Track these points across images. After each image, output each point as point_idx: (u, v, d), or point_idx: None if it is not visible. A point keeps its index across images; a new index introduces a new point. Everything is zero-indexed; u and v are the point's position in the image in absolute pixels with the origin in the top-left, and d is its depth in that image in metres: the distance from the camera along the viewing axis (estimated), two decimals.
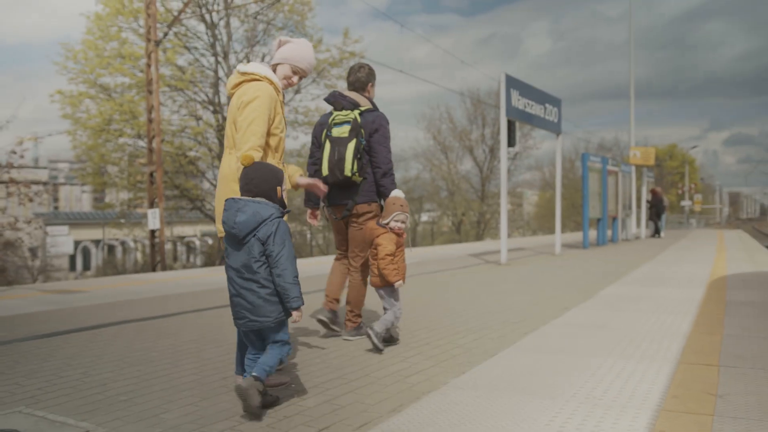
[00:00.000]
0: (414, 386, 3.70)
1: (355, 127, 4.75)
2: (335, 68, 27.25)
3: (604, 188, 18.26)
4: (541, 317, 6.00)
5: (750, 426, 2.95)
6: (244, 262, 3.20)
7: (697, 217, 67.28)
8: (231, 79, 3.87)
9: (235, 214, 3.18)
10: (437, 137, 47.03)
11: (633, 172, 23.20)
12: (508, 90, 11.54)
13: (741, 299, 7.06)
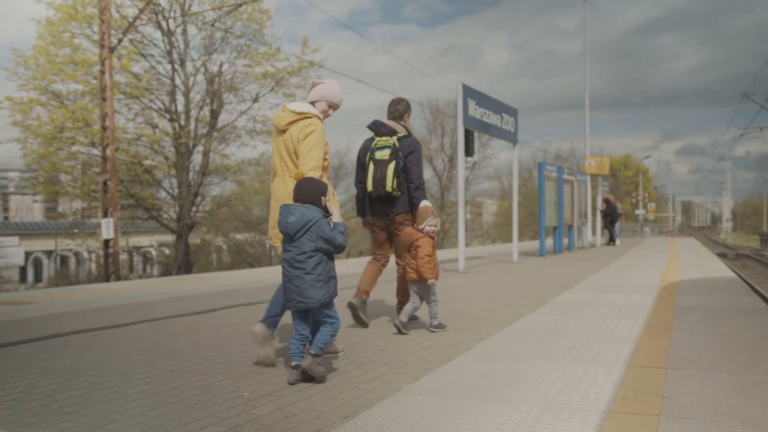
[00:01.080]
0: (369, 392, 3.70)
1: (394, 151, 5.70)
2: (294, 77, 27.20)
3: (560, 197, 18.56)
4: (497, 323, 6.06)
5: (693, 425, 3.03)
6: (295, 255, 3.93)
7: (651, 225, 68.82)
8: (283, 116, 4.60)
9: (287, 216, 3.94)
10: None
11: (588, 181, 23.64)
12: (466, 100, 11.66)
13: (690, 304, 7.24)
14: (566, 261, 15.38)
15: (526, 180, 55.25)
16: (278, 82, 26.91)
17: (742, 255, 37.17)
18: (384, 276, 6.94)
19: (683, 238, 40.38)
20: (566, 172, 19.64)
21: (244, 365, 4.42)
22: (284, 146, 4.59)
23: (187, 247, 27.18)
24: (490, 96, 12.82)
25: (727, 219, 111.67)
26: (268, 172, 30.52)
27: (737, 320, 6.14)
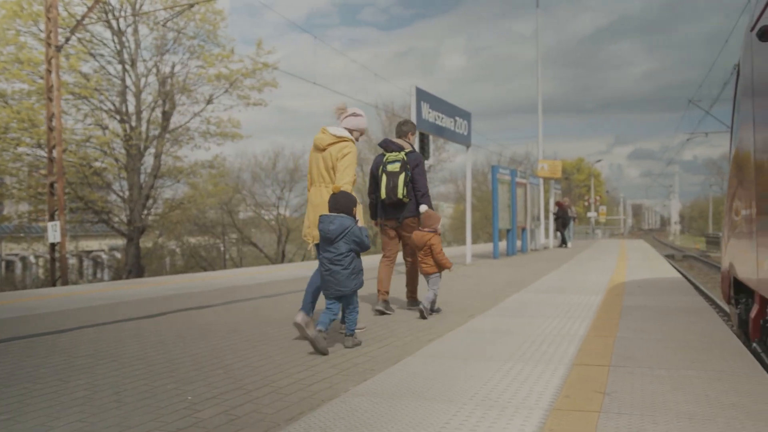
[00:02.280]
0: (315, 394, 3.68)
1: (403, 164, 6.65)
2: (249, 79, 26.93)
3: (513, 200, 18.80)
4: (447, 324, 6.10)
5: (632, 420, 3.09)
6: (334, 256, 4.88)
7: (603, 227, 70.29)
8: (324, 138, 5.54)
9: (329, 224, 4.89)
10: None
11: (541, 184, 24.01)
12: (419, 103, 11.72)
13: (636, 304, 7.41)
14: (519, 263, 15.58)
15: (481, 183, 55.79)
16: (232, 83, 26.62)
17: (689, 256, 38.28)
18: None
19: (633, 240, 41.34)
20: (519, 175, 19.90)
21: (190, 369, 4.35)
22: (323, 162, 5.54)
23: (138, 251, 26.63)
24: (443, 99, 12.91)
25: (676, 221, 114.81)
26: (221, 174, 30.20)
27: (680, 319, 6.31)
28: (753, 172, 6.25)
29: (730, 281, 8.17)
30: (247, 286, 10.23)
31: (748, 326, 6.93)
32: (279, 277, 12.12)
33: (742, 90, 7.11)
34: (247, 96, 27.26)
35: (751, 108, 6.40)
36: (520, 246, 20.59)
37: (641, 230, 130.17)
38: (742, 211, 7.01)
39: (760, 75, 5.91)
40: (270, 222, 42.72)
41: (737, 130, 7.51)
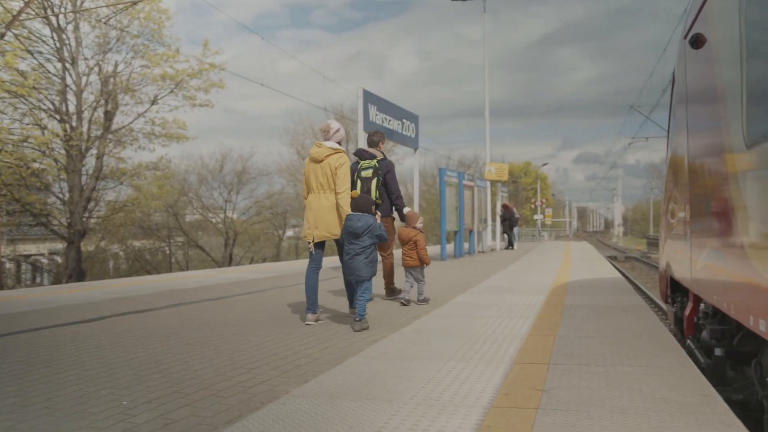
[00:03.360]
0: (255, 397, 3.63)
1: (375, 170, 7.26)
2: (195, 79, 26.47)
3: (460, 202, 18.96)
4: (391, 325, 6.11)
5: (567, 416, 3.15)
6: (360, 246, 5.91)
7: (549, 230, 71.62)
8: (321, 151, 6.34)
9: (356, 222, 5.94)
10: (301, 152, 46.83)
11: (488, 187, 24.30)
12: (366, 105, 11.73)
13: (577, 303, 7.56)
14: (466, 265, 15.73)
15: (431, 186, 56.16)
16: (178, 84, 26.10)
17: (631, 257, 39.35)
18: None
19: (578, 242, 42.27)
20: (467, 178, 20.10)
21: (127, 373, 4.24)
22: (321, 171, 6.33)
23: (80, 255, 25.84)
24: (391, 102, 12.96)
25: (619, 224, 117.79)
26: (167, 176, 29.56)
27: (618, 317, 6.47)
28: (687, 176, 6.46)
29: (667, 281, 8.43)
30: (191, 290, 10.05)
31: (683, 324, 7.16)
32: (224, 280, 11.95)
33: (676, 97, 7.34)
34: (193, 97, 26.78)
35: (684, 114, 6.62)
36: (468, 248, 20.79)
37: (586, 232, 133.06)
38: (677, 213, 7.24)
39: (693, 82, 6.11)
40: (217, 225, 42.08)
41: (673, 136, 7.76)
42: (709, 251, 5.35)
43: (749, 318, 4.07)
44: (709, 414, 3.18)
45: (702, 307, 6.11)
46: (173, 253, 39.37)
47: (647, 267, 31.42)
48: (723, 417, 3.14)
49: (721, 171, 4.81)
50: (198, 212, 42.22)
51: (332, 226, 6.28)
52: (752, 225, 3.95)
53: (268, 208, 43.21)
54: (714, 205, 5.11)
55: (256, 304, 8.11)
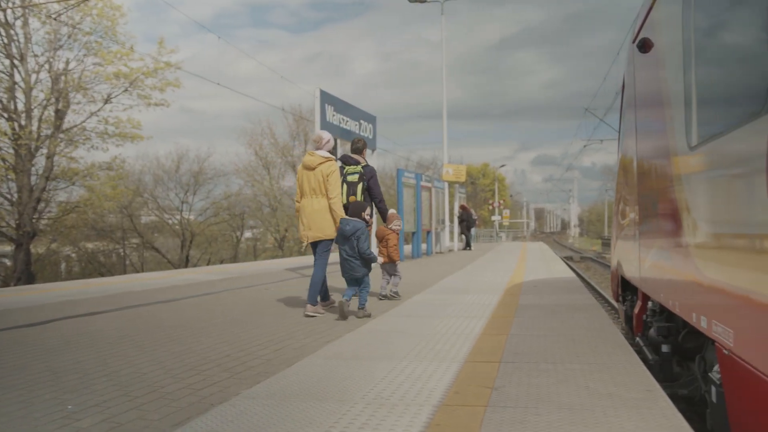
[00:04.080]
0: (205, 398, 3.59)
1: (361, 176, 7.84)
2: (150, 78, 26.01)
3: (418, 203, 19.06)
4: (346, 326, 6.11)
5: (516, 413, 3.20)
6: (351, 247, 6.66)
7: (506, 231, 72.46)
8: (314, 159, 7.01)
9: (345, 225, 6.64)
10: (259, 152, 46.51)
11: (446, 188, 24.47)
12: (323, 105, 11.70)
13: (530, 303, 7.67)
14: (423, 265, 15.81)
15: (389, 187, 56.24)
16: (132, 82, 25.64)
17: (586, 258, 40.05)
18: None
19: (535, 242, 42.86)
20: (424, 179, 20.20)
21: (73, 377, 4.15)
22: (314, 178, 6.98)
23: (29, 257, 25.16)
24: (348, 102, 12.95)
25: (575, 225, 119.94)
26: (120, 177, 29.00)
27: (570, 316, 6.58)
28: (636, 178, 6.62)
29: (618, 280, 8.61)
30: (144, 292, 9.87)
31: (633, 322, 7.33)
32: (180, 281, 11.77)
33: (626, 100, 7.52)
34: (148, 96, 26.34)
35: (633, 117, 6.78)
36: (426, 249, 20.90)
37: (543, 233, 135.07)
38: (627, 214, 7.41)
39: (641, 85, 6.26)
40: (173, 226, 41.44)
41: (623, 138, 7.93)
42: (656, 251, 5.49)
43: (692, 315, 4.19)
44: (652, 408, 3.27)
45: (650, 305, 6.26)
46: (128, 255, 38.65)
47: (601, 267, 32.02)
48: (665, 411, 3.22)
49: (666, 172, 4.94)
50: (154, 213, 41.54)
51: (324, 227, 6.95)
52: (694, 225, 4.06)
53: (226, 209, 42.72)
54: (660, 206, 5.24)
55: (211, 305, 8.02)
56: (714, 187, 3.70)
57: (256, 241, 49.51)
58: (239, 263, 24.30)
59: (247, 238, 49.55)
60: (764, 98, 2.72)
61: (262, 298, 8.91)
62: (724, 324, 3.42)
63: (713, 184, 3.72)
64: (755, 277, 2.94)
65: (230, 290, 10.02)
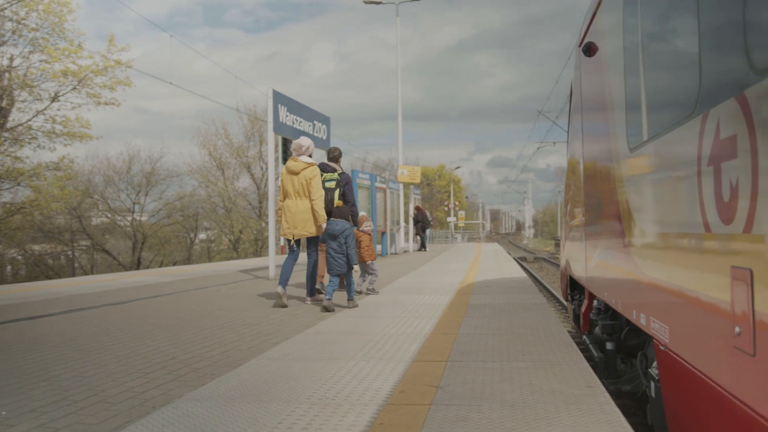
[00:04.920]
0: (147, 402, 3.53)
1: (338, 183, 8.32)
2: (100, 77, 25.43)
3: (372, 204, 19.09)
4: (296, 327, 6.08)
5: (459, 411, 3.23)
6: (338, 245, 7.37)
7: (462, 232, 73.11)
8: (297, 165, 7.77)
9: (335, 226, 7.41)
10: (213, 153, 45.84)
11: (401, 189, 24.56)
12: (276, 106, 11.61)
13: (481, 303, 7.76)
14: (378, 266, 15.80)
15: None
16: (81, 81, 25.01)
17: (540, 258, 40.66)
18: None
19: (489, 243, 43.32)
20: (379, 180, 20.25)
21: (11, 382, 4.03)
22: (297, 181, 7.75)
23: None
24: (301, 103, 12.88)
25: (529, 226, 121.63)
26: (69, 177, 28.25)
27: (518, 315, 6.68)
28: (582, 180, 6.76)
29: (567, 279, 8.78)
30: (92, 294, 9.64)
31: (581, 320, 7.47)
32: (130, 284, 11.54)
33: (573, 103, 7.67)
34: (97, 95, 25.73)
35: (580, 120, 6.92)
36: (380, 250, 20.94)
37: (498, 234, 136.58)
38: (575, 215, 7.56)
39: (587, 89, 6.40)
40: (125, 228, 40.57)
41: (571, 141, 8.09)
42: (601, 250, 5.62)
43: (633, 313, 4.30)
44: (592, 404, 3.34)
45: (596, 304, 6.40)
46: (77, 257, 37.67)
47: (554, 267, 32.55)
48: (604, 406, 3.30)
49: (609, 174, 5.06)
50: (104, 215, 40.58)
51: (308, 226, 7.70)
52: (634, 225, 4.17)
53: (179, 211, 41.98)
54: (604, 207, 5.37)
55: (160, 308, 7.88)
56: (651, 188, 3.81)
57: (210, 243, 48.77)
58: (193, 265, 23.91)
59: (201, 239, 48.81)
60: (694, 102, 2.82)
61: (213, 300, 8.80)
62: (661, 321, 3.52)
63: (650, 185, 3.83)
64: (688, 275, 3.04)
65: (181, 292, 9.86)
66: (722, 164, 2.50)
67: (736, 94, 2.34)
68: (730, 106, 2.40)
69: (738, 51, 2.34)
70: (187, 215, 42.86)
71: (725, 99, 2.45)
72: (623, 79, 4.45)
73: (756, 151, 2.20)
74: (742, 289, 2.34)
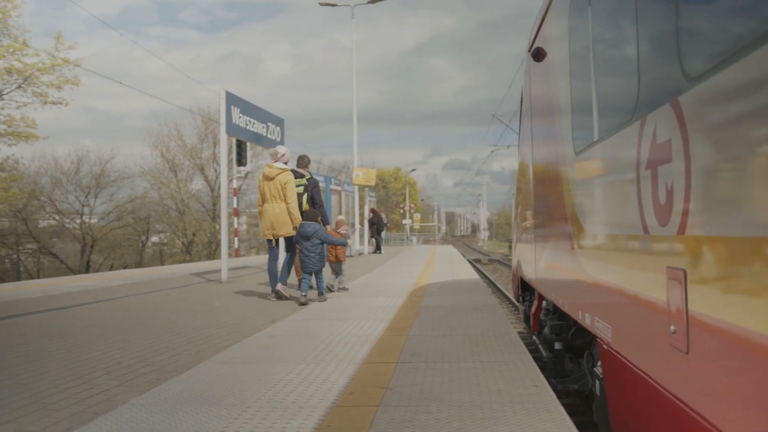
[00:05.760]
0: (90, 408, 3.45)
1: (306, 187, 9.20)
2: (47, 75, 24.74)
3: (327, 206, 19.04)
4: (247, 330, 6.02)
5: (407, 411, 3.25)
6: (310, 245, 8.01)
7: (417, 234, 73.44)
8: (273, 171, 8.51)
9: (306, 228, 8.04)
10: (165, 155, 44.98)
11: (356, 191, 24.56)
12: (229, 107, 11.49)
13: (433, 304, 7.81)
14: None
15: None
16: (26, 79, 24.30)
17: (494, 260, 41.11)
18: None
19: (445, 245, 43.62)
20: (334, 183, 20.24)
21: None
22: (273, 186, 8.49)
23: None
24: (255, 104, 12.77)
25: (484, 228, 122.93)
26: (13, 178, 27.46)
27: (470, 317, 6.74)
28: (532, 184, 6.87)
29: (518, 281, 8.91)
30: (37, 299, 9.37)
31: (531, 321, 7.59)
32: (77, 288, 11.25)
33: (524, 108, 7.80)
34: (44, 94, 25.04)
35: (529, 123, 7.04)
36: None
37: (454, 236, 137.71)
38: (525, 217, 7.68)
39: (535, 93, 6.52)
40: (74, 231, 39.52)
41: (521, 144, 8.23)
42: (549, 252, 5.72)
43: (579, 313, 4.40)
44: (537, 403, 3.40)
45: (544, 305, 6.51)
46: (22, 261, 36.56)
47: (508, 269, 32.95)
48: (549, 405, 3.36)
49: (557, 177, 5.16)
50: (52, 217, 39.45)
51: (286, 226, 8.46)
52: (580, 226, 4.27)
53: (130, 213, 41.11)
54: (552, 209, 5.47)
55: (108, 312, 7.72)
56: (595, 190, 3.90)
57: (162, 246, 47.85)
58: (144, 268, 23.42)
59: (154, 242, 47.88)
60: (634, 107, 2.90)
61: (164, 303, 8.65)
62: (604, 321, 3.60)
63: (594, 188, 3.92)
64: (628, 275, 3.12)
65: (131, 296, 9.67)
66: (659, 168, 2.58)
67: (671, 100, 2.42)
68: (666, 111, 2.47)
69: (672, 59, 2.42)
70: (138, 218, 42.00)
71: (661, 104, 2.53)
72: (569, 84, 4.54)
73: (689, 155, 2.28)
74: (676, 288, 2.41)
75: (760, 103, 1.82)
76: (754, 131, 1.87)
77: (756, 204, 1.86)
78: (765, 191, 1.80)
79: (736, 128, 1.98)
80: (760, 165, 1.83)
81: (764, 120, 1.80)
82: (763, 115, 1.80)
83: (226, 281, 11.74)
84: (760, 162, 1.83)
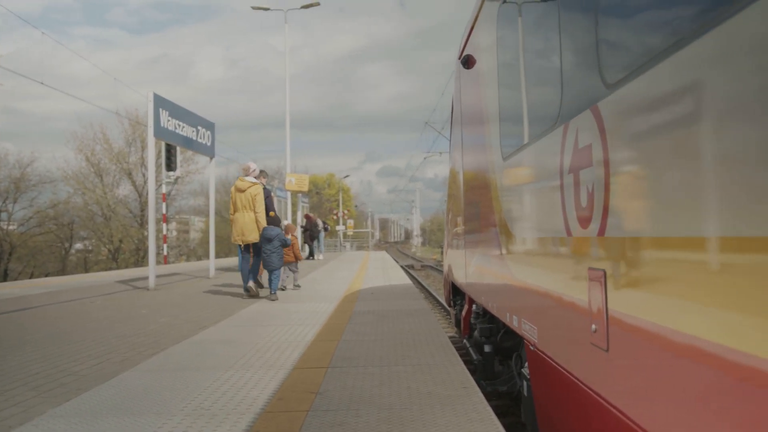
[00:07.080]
0: (4, 420, 3.30)
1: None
2: None
3: None
4: (175, 337, 5.88)
5: (337, 416, 3.24)
6: (273, 246, 9.19)
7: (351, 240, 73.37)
8: (244, 184, 9.46)
9: (270, 232, 9.24)
10: (90, 158, 43.44)
11: (289, 197, 24.35)
12: (157, 110, 11.21)
13: (365, 309, 7.82)
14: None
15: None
16: None
17: (427, 266, 41.51)
18: None
19: (378, 252, 43.79)
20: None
21: None
22: (245, 197, 9.39)
23: None
24: (184, 108, 12.51)
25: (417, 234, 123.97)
26: None
27: (401, 321, 6.78)
28: (462, 190, 6.98)
29: (450, 285, 9.03)
30: None
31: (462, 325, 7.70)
32: None
33: (454, 114, 7.92)
34: None
35: (460, 131, 7.16)
36: None
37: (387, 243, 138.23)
38: (456, 222, 7.79)
39: (465, 100, 6.63)
40: None
41: (452, 151, 8.35)
42: (479, 256, 5.82)
43: (506, 315, 4.49)
44: (466, 404, 3.45)
45: (474, 308, 6.62)
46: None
47: (440, 274, 33.33)
48: (477, 406, 3.42)
49: (485, 183, 5.26)
50: None
51: (254, 233, 9.34)
52: (507, 230, 4.36)
53: (52, 219, 39.55)
54: (481, 214, 5.57)
55: (26, 321, 7.39)
56: (521, 195, 4.00)
57: (87, 253, 46.15)
58: (67, 276, 22.53)
59: (78, 249, 46.16)
60: (557, 114, 2.99)
61: (87, 311, 8.35)
62: (530, 322, 3.69)
63: (521, 193, 4.02)
64: (552, 277, 3.21)
65: (52, 305, 9.28)
66: (580, 172, 2.67)
67: (591, 106, 2.50)
68: (586, 117, 2.56)
69: (592, 66, 2.51)
70: (61, 224, 40.45)
71: (582, 111, 2.62)
72: (497, 91, 4.64)
73: (608, 159, 2.36)
74: (597, 288, 2.49)
75: (671, 108, 1.91)
76: (667, 135, 1.96)
77: (670, 205, 1.94)
78: (679, 193, 1.89)
79: (650, 132, 2.07)
80: (675, 167, 1.91)
81: (676, 124, 1.89)
82: (675, 120, 1.89)
83: (153, 288, 11.42)
84: (675, 164, 1.91)
